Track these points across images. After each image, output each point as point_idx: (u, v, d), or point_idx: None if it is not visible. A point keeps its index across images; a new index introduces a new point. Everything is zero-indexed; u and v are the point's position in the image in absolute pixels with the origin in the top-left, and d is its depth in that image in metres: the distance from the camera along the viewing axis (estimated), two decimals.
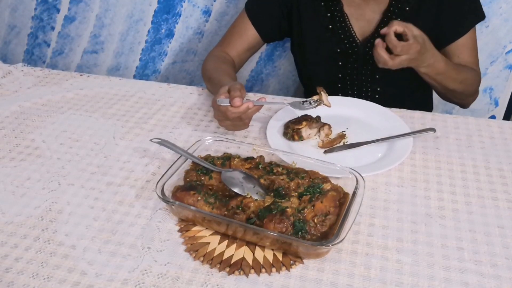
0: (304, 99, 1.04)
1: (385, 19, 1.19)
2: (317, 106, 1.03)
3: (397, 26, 1.02)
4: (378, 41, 1.04)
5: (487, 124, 1.11)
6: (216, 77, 1.16)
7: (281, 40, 1.37)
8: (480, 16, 1.21)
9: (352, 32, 1.22)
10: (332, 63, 1.25)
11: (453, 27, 1.20)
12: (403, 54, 1.02)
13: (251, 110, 0.98)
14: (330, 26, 1.23)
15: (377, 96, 1.26)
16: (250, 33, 1.28)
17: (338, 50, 1.24)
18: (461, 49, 1.22)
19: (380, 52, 1.03)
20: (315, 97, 1.03)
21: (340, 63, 1.25)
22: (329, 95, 1.04)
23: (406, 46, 1.02)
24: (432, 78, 1.14)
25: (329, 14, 1.22)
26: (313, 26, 1.25)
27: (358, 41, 1.23)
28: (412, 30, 1.03)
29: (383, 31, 1.03)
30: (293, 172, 0.87)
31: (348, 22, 1.22)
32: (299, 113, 1.06)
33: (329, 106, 1.03)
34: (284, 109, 1.11)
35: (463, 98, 1.27)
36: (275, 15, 1.28)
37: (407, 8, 1.18)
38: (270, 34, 1.31)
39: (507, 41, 1.47)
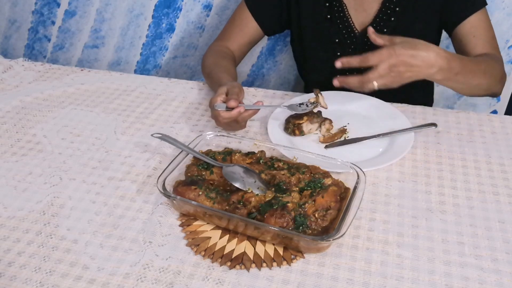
0: (301, 102, 1.05)
1: (384, 9, 1.18)
2: (313, 108, 1.03)
3: (373, 35, 0.97)
4: (336, 81, 0.98)
5: (488, 119, 1.11)
6: (215, 74, 1.15)
7: (282, 32, 1.36)
8: None
9: (351, 22, 1.21)
10: (331, 54, 1.24)
11: (462, 4, 1.15)
12: (379, 63, 0.92)
13: (247, 114, 0.98)
14: (329, 16, 1.22)
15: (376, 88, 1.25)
16: (250, 25, 1.27)
17: (337, 40, 1.23)
18: (477, 27, 1.15)
19: (349, 81, 0.96)
20: (312, 99, 1.04)
21: (339, 54, 1.24)
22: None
23: (377, 53, 0.92)
24: (453, 80, 1.01)
25: (327, 4, 1.21)
26: (312, 16, 1.24)
27: (356, 31, 1.22)
28: (391, 40, 0.95)
29: (374, 39, 0.98)
30: (294, 167, 0.87)
31: (346, 12, 1.21)
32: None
33: (326, 108, 1.04)
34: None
35: (491, 88, 1.13)
36: (275, 6, 1.26)
37: None
38: (272, 26, 1.30)
39: (509, 35, 1.46)
